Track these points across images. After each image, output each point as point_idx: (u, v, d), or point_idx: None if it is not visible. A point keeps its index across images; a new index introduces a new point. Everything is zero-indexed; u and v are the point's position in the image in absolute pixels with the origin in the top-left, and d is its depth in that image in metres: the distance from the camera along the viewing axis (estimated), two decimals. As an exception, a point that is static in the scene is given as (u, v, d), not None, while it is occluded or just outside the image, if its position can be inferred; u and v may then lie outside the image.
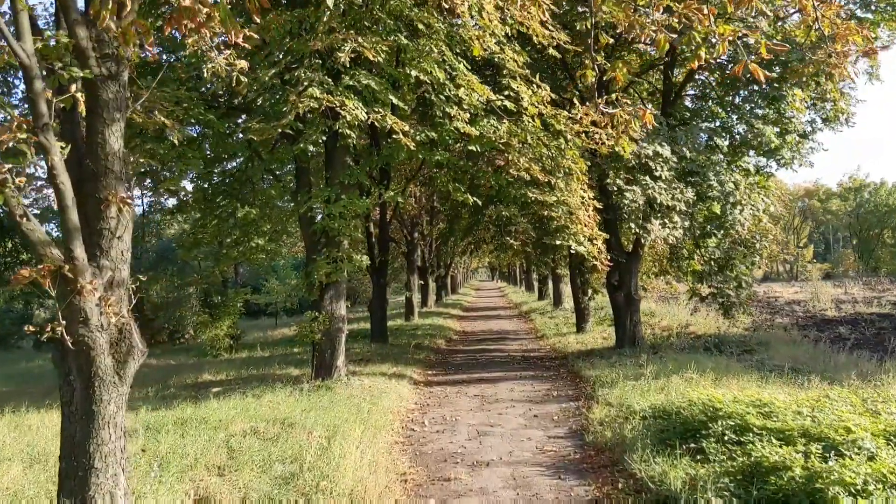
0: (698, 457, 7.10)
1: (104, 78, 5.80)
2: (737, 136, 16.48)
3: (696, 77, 18.11)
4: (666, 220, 14.09)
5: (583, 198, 12.62)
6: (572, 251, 12.49)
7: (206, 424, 9.90)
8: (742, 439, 7.05)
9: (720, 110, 17.76)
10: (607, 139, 12.69)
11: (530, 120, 12.58)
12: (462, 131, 12.15)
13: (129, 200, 5.83)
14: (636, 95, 18.06)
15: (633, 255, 16.96)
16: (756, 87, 15.99)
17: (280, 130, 10.71)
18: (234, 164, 16.44)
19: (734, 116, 15.28)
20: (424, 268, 35.45)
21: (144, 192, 24.12)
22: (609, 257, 13.09)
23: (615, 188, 13.91)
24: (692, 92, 19.06)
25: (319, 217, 13.53)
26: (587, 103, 11.77)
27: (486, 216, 20.03)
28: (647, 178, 14.07)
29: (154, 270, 24.09)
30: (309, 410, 10.75)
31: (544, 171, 12.48)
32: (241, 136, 13.50)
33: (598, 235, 12.63)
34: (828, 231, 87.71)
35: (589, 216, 12.55)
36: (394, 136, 11.00)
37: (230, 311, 22.98)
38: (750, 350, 15.90)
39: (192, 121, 11.30)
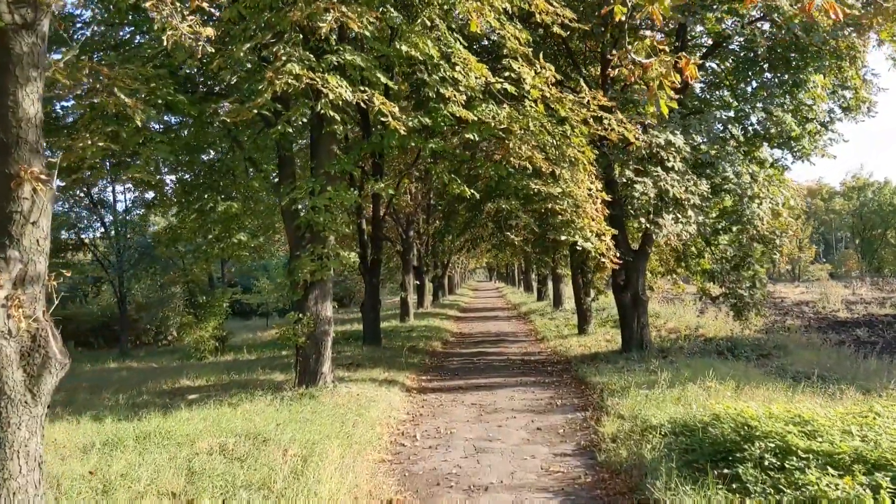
0: (734, 485, 6.04)
1: (17, 27, 4.75)
2: (753, 126, 15.42)
3: (707, 65, 17.08)
4: (678, 215, 13.04)
5: (590, 189, 11.56)
6: (578, 247, 11.42)
7: (171, 439, 8.84)
8: (785, 465, 5.99)
9: (733, 100, 16.74)
10: (617, 125, 11.71)
11: (533, 105, 11.54)
12: (458, 116, 11.13)
13: (45, 178, 4.75)
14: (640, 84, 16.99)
15: (640, 253, 15.91)
16: (771, 75, 14.96)
17: (256, 112, 9.63)
18: (215, 154, 15.36)
19: (748, 106, 14.22)
20: (420, 267, 34.38)
21: (127, 185, 23.07)
22: (618, 255, 12.02)
23: (624, 180, 12.86)
24: (701, 84, 18.04)
25: (304, 211, 12.45)
26: (594, 88, 10.72)
27: (484, 212, 18.95)
28: (659, 169, 13.02)
29: (136, 268, 23.01)
30: (288, 423, 9.68)
31: (548, 160, 11.43)
32: (218, 122, 12.43)
33: (607, 230, 11.57)
34: (828, 231, 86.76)
35: (597, 210, 11.49)
36: (383, 120, 9.95)
37: (216, 311, 21.91)
38: (766, 355, 14.86)
39: (160, 102, 10.22)
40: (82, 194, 24.38)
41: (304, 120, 9.67)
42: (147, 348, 25.62)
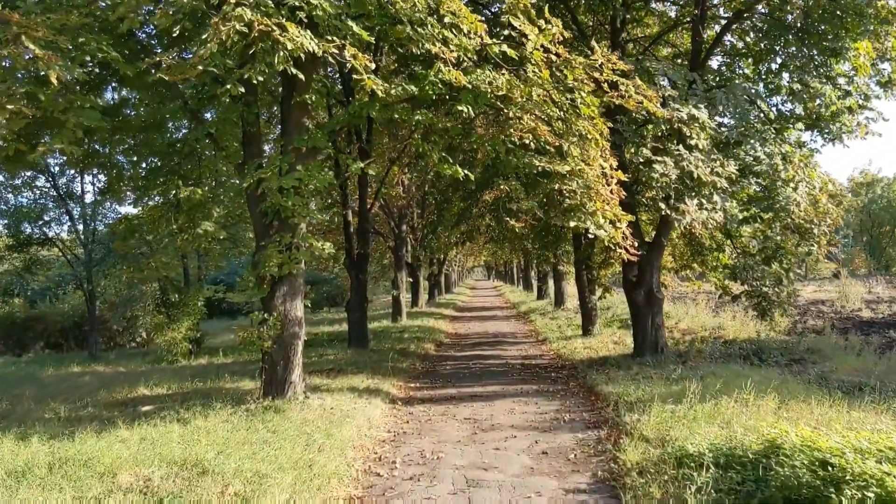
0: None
1: None
2: (785, 100, 13.72)
3: (726, 39, 15.38)
4: (703, 200, 11.32)
5: (603, 168, 9.84)
6: (590, 235, 9.68)
7: (90, 469, 7.15)
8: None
9: (756, 76, 15.04)
10: (635, 91, 9.99)
11: (536, 70, 9.82)
12: (449, 83, 9.41)
13: None
14: (653, 58, 15.25)
15: (654, 246, 14.19)
16: (802, 46, 13.24)
17: (201, 69, 7.90)
18: (179, 134, 13.64)
19: (780, 77, 12.50)
20: (415, 264, 32.64)
21: (97, 175, 21.25)
22: (636, 245, 10.31)
23: (640, 160, 11.15)
24: (718, 60, 16.35)
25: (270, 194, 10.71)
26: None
27: (480, 201, 17.27)
28: (681, 147, 11.31)
29: (104, 265, 21.26)
30: (240, 446, 7.99)
31: (554, 133, 9.71)
32: (164, 89, 10.71)
33: (623, 216, 9.84)
34: (836, 228, 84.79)
35: (612, 192, 9.76)
36: (357, 78, 8.24)
37: (190, 311, 20.16)
38: (798, 360, 13.17)
39: (88, 58, 8.48)
40: (48, 185, 22.64)
41: (261, 79, 7.95)
42: (119, 350, 23.87)
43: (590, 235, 9.69)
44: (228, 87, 7.97)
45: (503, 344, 20.95)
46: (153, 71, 8.16)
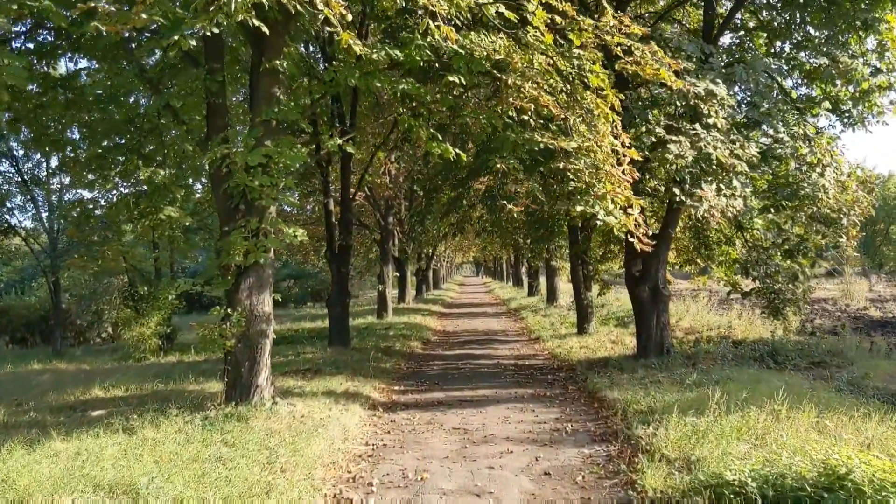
0: None
1: None
2: (800, 83, 12.58)
3: (737, 18, 14.21)
4: (722, 185, 10.14)
5: (614, 147, 8.63)
6: (599, 222, 8.46)
7: (-1, 496, 5.89)
8: None
9: (770, 57, 13.88)
10: (651, 57, 8.79)
11: (538, 34, 8.62)
12: (438, 48, 8.21)
13: None
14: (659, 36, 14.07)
15: (661, 238, 13.00)
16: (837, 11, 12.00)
17: (145, 17, 6.62)
18: (140, 109, 12.31)
19: (805, 53, 11.35)
20: (402, 258, 31.38)
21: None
22: (649, 235, 9.13)
23: (653, 140, 9.96)
24: (729, 38, 15.18)
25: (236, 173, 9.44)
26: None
27: (471, 189, 16.01)
28: (697, 126, 10.13)
29: (68, 255, 19.85)
30: (190, 463, 6.76)
31: (558, 105, 8.50)
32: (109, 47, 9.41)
33: (636, 201, 8.64)
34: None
35: (624, 173, 8.56)
36: (329, 30, 7.00)
37: (160, 304, 18.81)
38: (820, 363, 12.07)
39: (15, 6, 7.18)
40: (12, 170, 21.20)
41: (216, 31, 6.70)
42: (86, 346, 22.47)
43: (598, 222, 8.47)
44: (177, 38, 6.68)
45: (494, 342, 19.76)
46: (91, 23, 6.88)
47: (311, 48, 17.80)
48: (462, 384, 12.67)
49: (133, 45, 10.21)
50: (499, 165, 8.41)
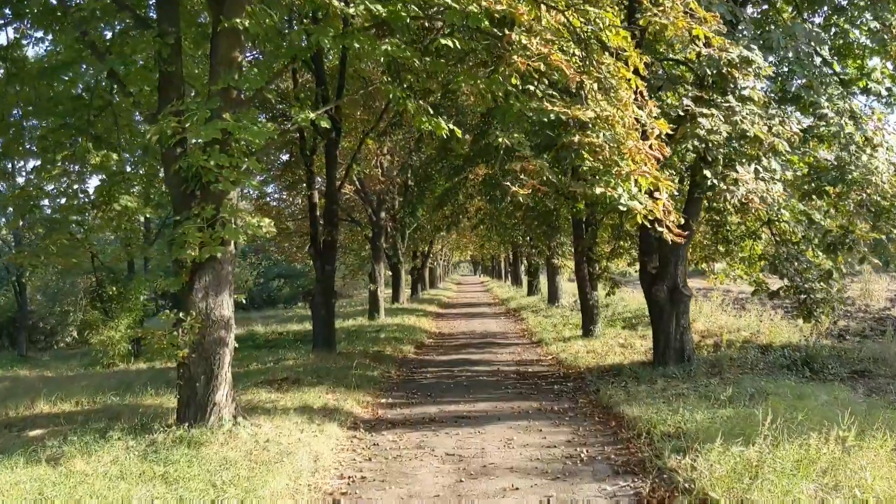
0: None
1: None
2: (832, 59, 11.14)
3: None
4: (759, 168, 8.70)
5: (638, 117, 7.19)
6: (621, 207, 6.99)
7: None
8: None
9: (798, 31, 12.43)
10: (684, 10, 7.31)
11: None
12: (428, 2, 6.77)
13: None
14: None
15: (681, 229, 11.52)
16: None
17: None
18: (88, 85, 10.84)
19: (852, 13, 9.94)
20: (395, 256, 29.91)
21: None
22: (682, 220, 7.70)
23: (680, 113, 8.51)
24: (750, 9, 13.71)
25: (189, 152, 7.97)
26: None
27: (467, 177, 14.56)
28: (731, 99, 8.69)
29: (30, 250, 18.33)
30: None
31: (572, 66, 7.05)
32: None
33: (664, 183, 7.18)
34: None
35: (651, 148, 7.10)
36: None
37: (131, 306, 17.33)
38: (864, 372, 10.65)
39: None
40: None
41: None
42: (55, 351, 20.96)
43: (620, 207, 7.02)
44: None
45: (493, 346, 18.31)
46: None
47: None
48: (458, 396, 11.22)
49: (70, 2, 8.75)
50: (500, 140, 6.95)
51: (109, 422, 8.95)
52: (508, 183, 6.89)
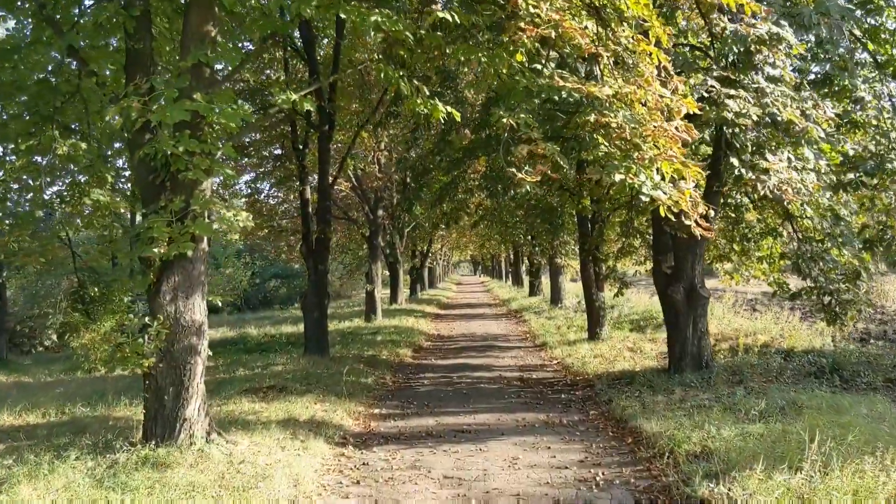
0: None
1: None
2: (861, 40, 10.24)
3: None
4: (791, 156, 7.84)
5: (662, 96, 6.32)
6: (644, 197, 6.12)
7: None
8: None
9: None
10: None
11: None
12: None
13: None
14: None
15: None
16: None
17: None
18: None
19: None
20: (392, 255, 29.05)
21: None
22: (711, 212, 6.84)
23: (704, 94, 7.65)
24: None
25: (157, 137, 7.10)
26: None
27: (467, 171, 13.69)
28: (761, 79, 7.82)
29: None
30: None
31: (586, 36, 6.19)
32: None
33: (692, 168, 6.31)
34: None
35: (678, 130, 6.24)
36: None
37: (115, 308, 16.38)
38: (897, 380, 9.80)
39: None
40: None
41: None
42: (37, 355, 20.08)
43: (642, 198, 6.15)
44: None
45: (494, 349, 17.44)
46: None
47: None
48: (457, 406, 10.36)
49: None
50: (505, 121, 6.08)
51: (73, 437, 8.15)
52: (514, 169, 6.00)
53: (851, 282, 11.26)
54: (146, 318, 7.20)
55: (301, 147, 15.62)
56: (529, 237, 25.26)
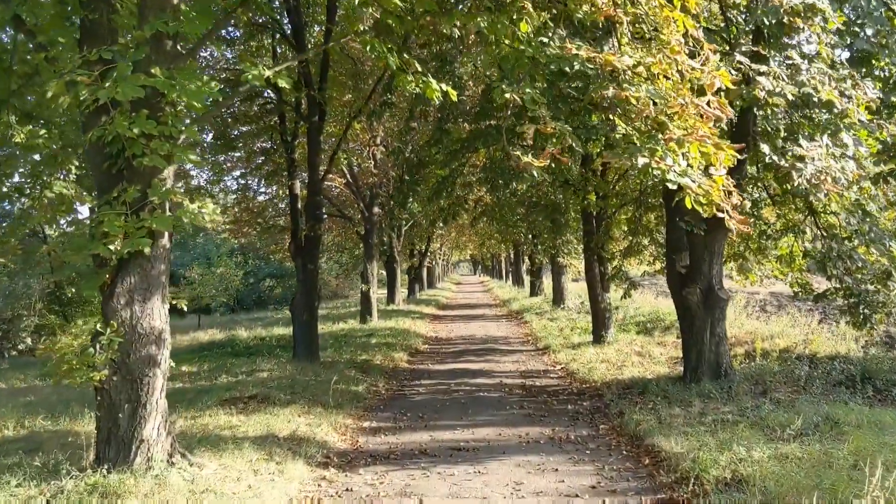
0: None
1: None
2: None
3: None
4: (829, 141, 6.97)
5: (691, 68, 5.44)
6: (671, 185, 5.24)
7: None
8: None
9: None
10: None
11: None
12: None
13: None
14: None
15: (715, 222, 9.81)
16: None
17: None
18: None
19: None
20: (391, 254, 28.16)
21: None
22: (748, 203, 5.95)
23: (732, 72, 6.76)
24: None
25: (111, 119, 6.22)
26: None
27: (465, 163, 12.82)
28: (794, 55, 6.95)
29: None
30: None
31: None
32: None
33: (729, 151, 5.42)
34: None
35: (709, 106, 5.36)
36: None
37: (94, 310, 15.53)
38: (940, 391, 8.93)
39: None
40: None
41: None
42: (12, 359, 19.16)
43: (670, 186, 5.26)
44: None
45: (495, 353, 16.56)
46: None
47: None
48: (455, 418, 9.49)
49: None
50: (508, 96, 5.20)
51: (24, 456, 7.26)
52: (519, 153, 5.12)
53: (881, 282, 10.44)
54: (97, 326, 6.32)
55: (290, 139, 14.76)
56: (531, 235, 24.38)
